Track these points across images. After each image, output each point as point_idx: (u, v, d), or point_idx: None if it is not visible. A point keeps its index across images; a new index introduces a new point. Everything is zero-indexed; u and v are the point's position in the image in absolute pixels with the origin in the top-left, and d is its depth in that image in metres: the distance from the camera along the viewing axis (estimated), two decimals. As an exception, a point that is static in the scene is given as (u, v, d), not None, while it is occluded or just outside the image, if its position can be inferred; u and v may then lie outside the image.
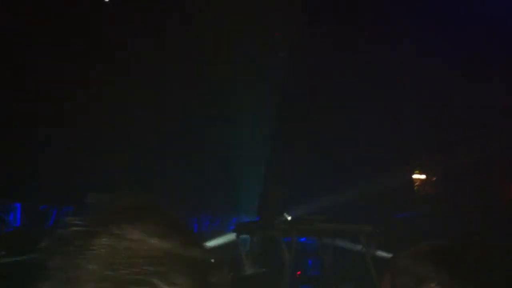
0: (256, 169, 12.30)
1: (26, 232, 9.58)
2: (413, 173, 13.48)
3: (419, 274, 1.53)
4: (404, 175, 13.30)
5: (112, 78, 10.83)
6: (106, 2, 11.15)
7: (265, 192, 9.48)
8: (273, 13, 12.25)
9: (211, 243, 11.64)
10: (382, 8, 12.51)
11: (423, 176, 13.55)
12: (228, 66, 12.01)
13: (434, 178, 13.49)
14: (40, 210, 10.80)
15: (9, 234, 9.84)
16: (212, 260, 0.92)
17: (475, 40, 12.13)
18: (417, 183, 13.47)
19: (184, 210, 12.68)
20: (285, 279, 7.98)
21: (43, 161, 10.19)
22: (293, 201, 9.52)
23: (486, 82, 12.34)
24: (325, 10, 12.22)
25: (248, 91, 12.61)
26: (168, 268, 0.85)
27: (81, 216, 0.99)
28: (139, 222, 0.91)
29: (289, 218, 8.61)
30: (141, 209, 0.97)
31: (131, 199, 1.02)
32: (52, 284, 0.89)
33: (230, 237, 10.34)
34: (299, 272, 10.78)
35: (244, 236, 9.59)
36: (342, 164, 12.06)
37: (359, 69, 12.35)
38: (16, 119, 10.10)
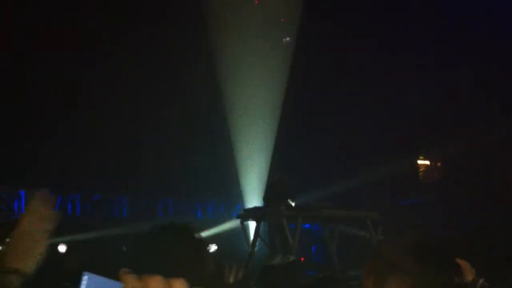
0: (261, 156, 12.29)
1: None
2: (418, 159, 13.48)
3: (394, 264, 1.60)
4: (410, 161, 13.30)
5: (115, 73, 10.85)
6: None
7: (272, 179, 9.48)
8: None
9: (216, 230, 11.67)
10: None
11: (427, 162, 13.55)
12: (234, 54, 11.96)
13: (439, 164, 13.49)
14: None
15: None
16: None
17: (480, 29, 12.09)
18: (421, 169, 13.48)
19: (188, 197, 12.71)
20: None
21: (48, 149, 10.18)
22: (300, 187, 9.51)
23: (490, 68, 12.31)
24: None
25: (254, 78, 12.58)
26: None
27: None
28: None
29: (296, 204, 8.61)
30: None
31: None
32: None
33: (234, 223, 10.35)
34: (302, 259, 10.79)
35: (249, 222, 9.60)
36: (348, 151, 12.05)
37: (365, 56, 12.30)
38: (23, 109, 10.12)
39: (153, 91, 11.52)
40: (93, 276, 0.81)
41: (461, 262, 3.15)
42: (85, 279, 0.80)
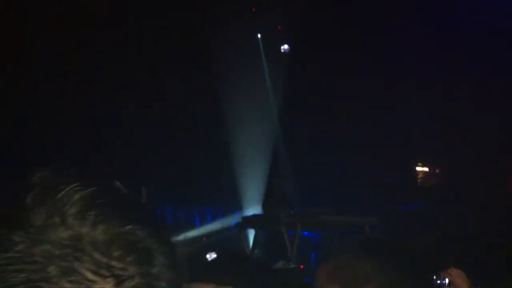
0: (259, 162, 12.29)
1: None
2: (417, 166, 13.49)
3: (360, 272, 1.48)
4: (408, 167, 13.30)
5: (115, 73, 10.88)
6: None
7: (271, 185, 9.48)
8: (275, 6, 12.21)
9: (214, 237, 11.66)
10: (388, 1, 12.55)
11: (425, 169, 13.56)
12: (231, 60, 11.98)
13: (437, 171, 13.50)
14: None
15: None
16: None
17: (478, 36, 12.11)
18: (420, 176, 13.49)
19: (186, 203, 12.70)
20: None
21: (48, 157, 10.17)
22: (298, 194, 9.53)
23: (490, 76, 12.33)
24: (328, 2, 12.23)
25: (252, 84, 12.60)
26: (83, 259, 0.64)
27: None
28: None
29: (294, 211, 8.61)
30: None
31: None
32: None
33: (233, 231, 10.35)
34: (302, 266, 10.78)
35: (247, 229, 9.60)
36: (346, 157, 12.04)
37: (363, 63, 12.32)
38: (24, 116, 10.15)
39: (152, 97, 11.54)
40: None
41: (456, 271, 3.13)
42: None
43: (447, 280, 3.13)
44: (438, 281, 3.10)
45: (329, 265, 1.54)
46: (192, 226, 12.65)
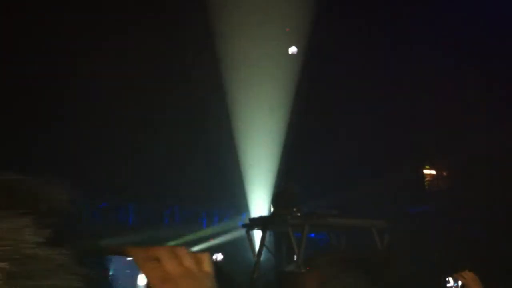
0: (267, 165, 12.29)
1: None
2: (424, 169, 13.48)
3: (346, 284, 1.57)
4: (416, 170, 13.29)
5: (120, 76, 10.91)
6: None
7: (278, 187, 9.48)
8: (283, 8, 12.23)
9: (221, 239, 11.67)
10: (395, 3, 12.54)
11: (433, 172, 13.55)
12: (240, 61, 12.00)
13: (445, 173, 13.48)
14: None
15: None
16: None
17: (486, 38, 12.09)
18: (427, 178, 13.47)
19: (194, 205, 12.72)
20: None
21: (55, 156, 10.22)
22: (306, 196, 9.50)
23: (498, 77, 12.30)
24: (336, 4, 12.23)
25: (261, 86, 12.62)
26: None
27: None
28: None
29: (302, 213, 8.59)
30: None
31: None
32: None
33: (240, 232, 10.36)
34: (309, 268, 10.73)
35: (254, 231, 9.59)
36: (355, 159, 12.04)
37: (371, 65, 12.32)
38: (28, 116, 10.17)
39: (159, 97, 11.55)
40: None
41: (470, 274, 3.13)
42: None
43: (460, 283, 3.13)
44: (449, 284, 3.11)
45: (317, 277, 1.62)
46: (199, 227, 12.68)
